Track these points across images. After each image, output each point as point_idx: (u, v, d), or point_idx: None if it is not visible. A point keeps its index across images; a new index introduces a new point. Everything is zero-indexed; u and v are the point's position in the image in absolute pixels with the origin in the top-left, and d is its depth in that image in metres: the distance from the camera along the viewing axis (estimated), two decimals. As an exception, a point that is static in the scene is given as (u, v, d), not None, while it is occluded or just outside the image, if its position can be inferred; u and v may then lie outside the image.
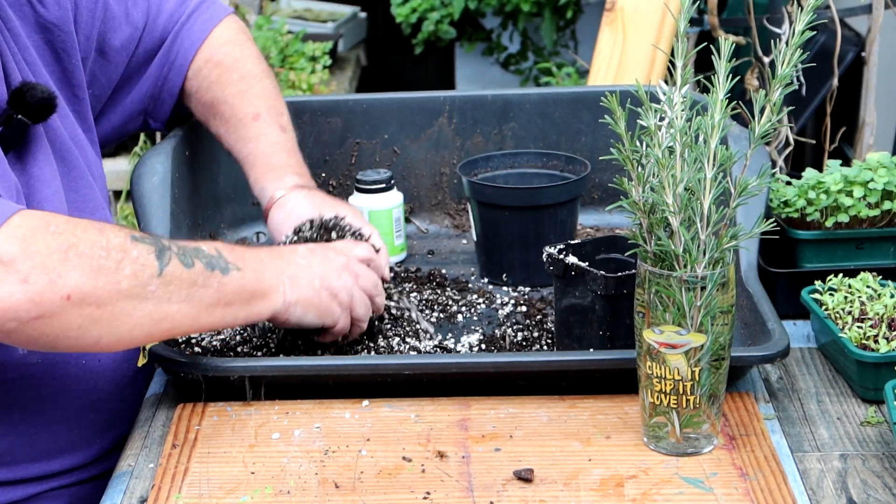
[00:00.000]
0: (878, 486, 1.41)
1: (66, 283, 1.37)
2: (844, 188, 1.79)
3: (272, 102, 1.88)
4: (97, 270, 1.39)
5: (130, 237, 1.43)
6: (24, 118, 1.57)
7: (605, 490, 1.39)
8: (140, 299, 1.42)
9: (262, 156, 1.84)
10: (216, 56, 1.87)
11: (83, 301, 1.38)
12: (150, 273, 1.42)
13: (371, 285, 1.63)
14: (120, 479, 1.46)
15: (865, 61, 2.70)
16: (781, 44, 1.41)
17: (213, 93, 1.86)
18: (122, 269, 1.40)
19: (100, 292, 1.39)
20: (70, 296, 1.37)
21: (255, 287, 1.52)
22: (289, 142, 1.87)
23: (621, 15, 2.58)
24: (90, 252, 1.39)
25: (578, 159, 1.93)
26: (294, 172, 1.83)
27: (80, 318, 1.38)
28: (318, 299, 1.57)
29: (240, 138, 1.85)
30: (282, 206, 1.79)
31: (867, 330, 1.59)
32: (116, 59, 1.80)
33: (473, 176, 1.93)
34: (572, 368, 1.55)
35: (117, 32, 1.79)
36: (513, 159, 1.97)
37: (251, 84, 1.87)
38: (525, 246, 1.85)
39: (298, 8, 4.59)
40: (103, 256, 1.40)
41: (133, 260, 1.41)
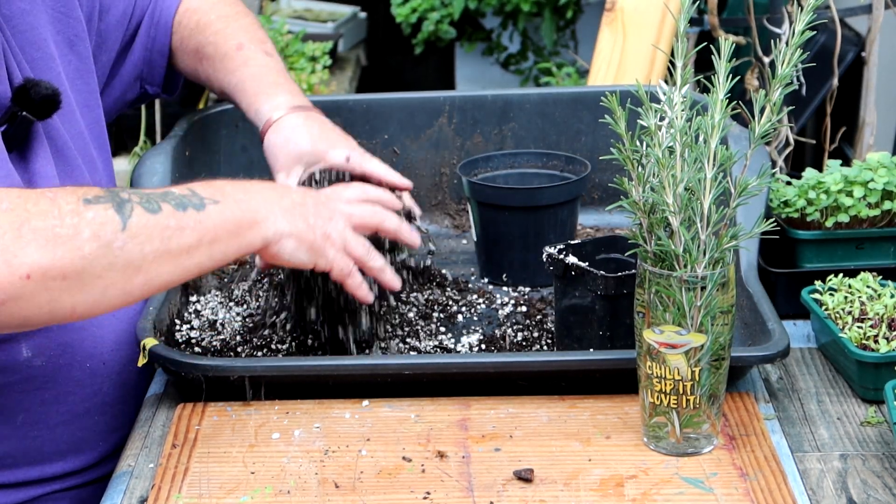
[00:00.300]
0: (878, 486, 1.41)
1: (23, 262, 1.31)
2: (844, 188, 1.79)
3: (253, 33, 1.86)
4: (53, 241, 1.33)
5: (83, 200, 1.36)
6: (29, 115, 1.57)
7: (605, 490, 1.39)
8: (107, 259, 1.35)
9: (250, 79, 1.80)
10: (192, 4, 1.88)
11: (45, 275, 1.32)
12: (113, 229, 1.35)
13: (368, 215, 1.57)
14: (120, 479, 1.46)
15: (865, 61, 2.70)
16: (781, 44, 1.41)
17: (195, 38, 1.86)
18: (81, 234, 1.34)
19: (61, 263, 1.33)
20: (30, 274, 1.32)
21: (240, 216, 1.45)
22: (276, 64, 1.83)
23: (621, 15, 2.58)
24: (43, 224, 1.33)
25: (578, 159, 1.93)
26: (287, 91, 1.79)
27: (47, 294, 1.33)
28: (311, 235, 1.50)
29: (227, 71, 1.82)
30: (279, 129, 1.74)
31: (867, 330, 1.59)
32: (113, 35, 1.81)
33: (473, 176, 1.93)
34: (572, 368, 1.55)
35: (111, 10, 1.80)
36: (513, 159, 1.97)
37: (229, 22, 1.87)
38: (525, 246, 1.85)
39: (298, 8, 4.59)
40: (57, 225, 1.33)
41: (90, 221, 1.35)
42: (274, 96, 1.77)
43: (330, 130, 1.76)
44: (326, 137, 1.73)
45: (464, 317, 1.78)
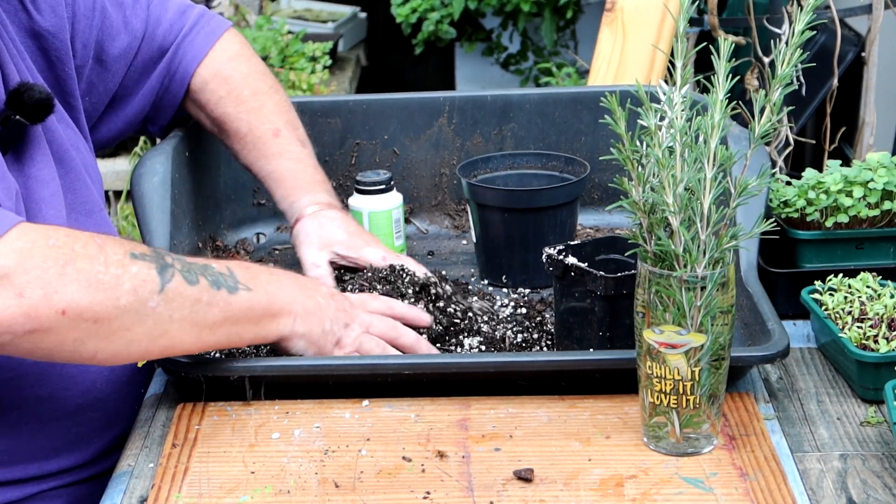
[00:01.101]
0: (878, 486, 1.41)
1: (62, 298, 1.36)
2: (844, 188, 1.79)
3: (288, 117, 1.89)
4: (95, 286, 1.38)
5: (130, 254, 1.42)
6: (23, 119, 1.57)
7: (605, 490, 1.39)
8: (139, 315, 1.40)
9: (288, 172, 1.86)
10: (223, 71, 1.87)
11: (79, 316, 1.37)
12: (151, 289, 1.41)
13: (386, 329, 1.62)
14: (120, 478, 1.46)
15: (865, 61, 2.70)
16: (781, 44, 1.41)
17: (224, 109, 1.87)
18: (122, 285, 1.39)
19: (97, 307, 1.38)
20: (66, 311, 1.36)
21: (266, 307, 1.51)
22: (310, 157, 1.89)
23: (621, 15, 2.58)
24: (88, 267, 1.38)
25: (578, 160, 1.93)
26: (324, 190, 1.87)
27: (76, 333, 1.38)
28: (323, 340, 1.57)
29: (261, 156, 1.87)
30: (316, 218, 1.82)
31: (867, 330, 1.59)
32: (114, 67, 1.80)
33: (473, 177, 1.93)
34: (572, 368, 1.55)
35: (115, 41, 1.79)
36: (512, 160, 1.97)
37: (263, 101, 1.88)
38: (525, 247, 1.85)
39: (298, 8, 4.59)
40: (101, 272, 1.38)
41: (132, 276, 1.40)
42: (313, 193, 1.85)
43: (366, 232, 1.84)
44: (362, 235, 1.82)
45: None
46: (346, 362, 1.57)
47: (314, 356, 1.57)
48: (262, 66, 1.93)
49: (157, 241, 1.76)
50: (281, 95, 1.91)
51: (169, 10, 1.86)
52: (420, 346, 1.64)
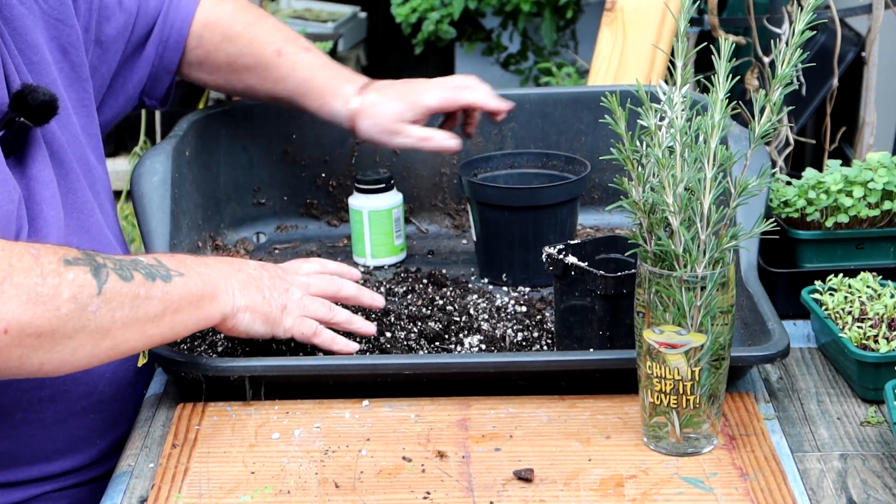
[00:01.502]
0: (878, 486, 1.41)
1: (3, 317, 1.33)
2: (844, 188, 1.79)
3: (285, 33, 1.91)
4: (34, 300, 1.35)
5: (63, 260, 1.39)
6: (27, 121, 1.57)
7: (605, 490, 1.39)
8: (81, 321, 1.38)
9: (305, 84, 1.88)
10: (211, 18, 1.89)
11: (22, 332, 1.34)
12: (90, 293, 1.38)
13: (325, 286, 1.62)
14: (120, 479, 1.46)
15: (865, 61, 2.70)
16: (781, 44, 1.41)
17: (225, 50, 1.88)
18: (61, 294, 1.36)
19: (39, 321, 1.35)
20: (8, 329, 1.33)
21: (201, 289, 1.49)
22: (320, 57, 1.90)
23: (621, 15, 2.58)
24: (26, 281, 1.35)
25: (578, 159, 1.93)
26: (345, 80, 1.88)
27: (20, 349, 1.35)
28: (266, 307, 1.55)
29: (274, 80, 1.89)
30: (364, 115, 1.86)
31: (867, 330, 1.59)
32: (113, 47, 1.80)
33: (473, 176, 1.93)
34: (572, 368, 1.55)
35: (112, 21, 1.79)
36: (512, 159, 1.97)
37: (258, 29, 1.90)
38: (525, 246, 1.85)
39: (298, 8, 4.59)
40: (39, 283, 1.35)
41: (70, 283, 1.37)
42: (339, 91, 1.87)
43: (404, 84, 1.88)
44: (407, 91, 1.86)
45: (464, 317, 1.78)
46: (346, 362, 1.57)
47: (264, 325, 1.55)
48: (244, 2, 1.94)
49: (157, 241, 1.76)
50: (272, 20, 1.93)
51: None
52: (361, 294, 1.65)
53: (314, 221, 2.09)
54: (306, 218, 2.09)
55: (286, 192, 2.09)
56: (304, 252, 2.01)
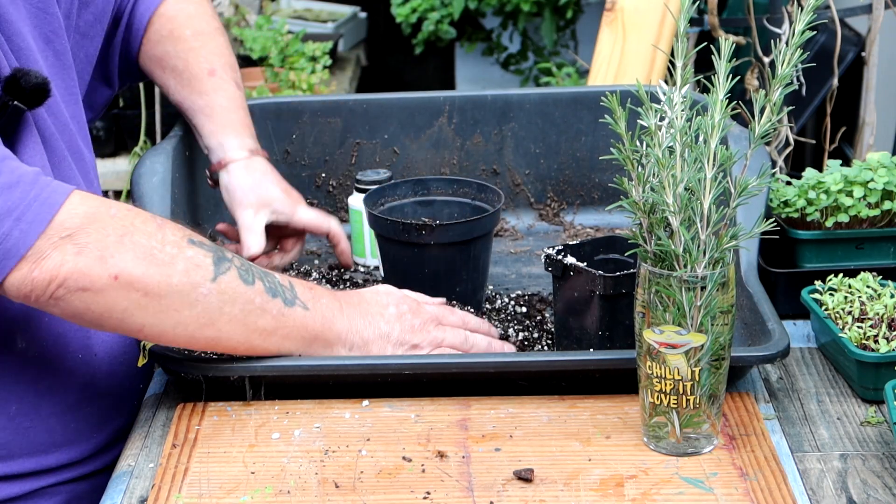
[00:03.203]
0: (878, 486, 1.41)
1: (116, 264, 1.40)
2: (844, 188, 1.79)
3: (226, 59, 1.90)
4: (149, 259, 1.42)
5: (188, 239, 1.46)
6: (21, 104, 1.57)
7: (605, 490, 1.39)
8: (189, 298, 1.44)
9: (220, 109, 1.86)
10: (169, 12, 1.89)
11: (130, 285, 1.41)
12: (204, 275, 1.44)
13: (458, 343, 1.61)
14: (120, 478, 1.46)
15: (865, 61, 2.70)
16: (781, 44, 1.41)
17: (164, 47, 1.88)
18: (175, 265, 1.43)
19: (148, 280, 1.41)
20: (118, 276, 1.40)
21: (319, 331, 1.52)
22: (242, 99, 1.89)
23: (621, 15, 2.58)
24: (145, 241, 1.42)
25: (490, 187, 1.80)
26: (251, 135, 1.87)
27: (125, 301, 1.41)
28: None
29: (194, 91, 1.87)
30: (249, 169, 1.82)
31: (867, 330, 1.59)
32: (91, 31, 1.80)
33: (380, 206, 1.80)
34: (572, 368, 1.55)
35: (90, 6, 1.80)
36: (421, 187, 1.84)
37: (205, 41, 1.89)
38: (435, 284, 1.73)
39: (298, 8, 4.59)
40: (157, 248, 1.43)
41: (187, 259, 1.44)
42: (242, 137, 1.85)
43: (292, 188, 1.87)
44: (291, 192, 1.85)
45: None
46: (347, 362, 1.56)
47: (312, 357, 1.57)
48: (210, 10, 1.94)
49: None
50: (223, 38, 1.92)
51: None
52: (493, 347, 1.64)
53: (314, 221, 2.09)
54: (306, 218, 2.09)
55: (286, 192, 2.08)
56: (304, 252, 2.01)
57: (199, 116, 1.86)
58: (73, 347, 1.62)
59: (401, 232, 1.72)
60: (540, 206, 2.09)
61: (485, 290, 1.80)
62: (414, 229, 1.71)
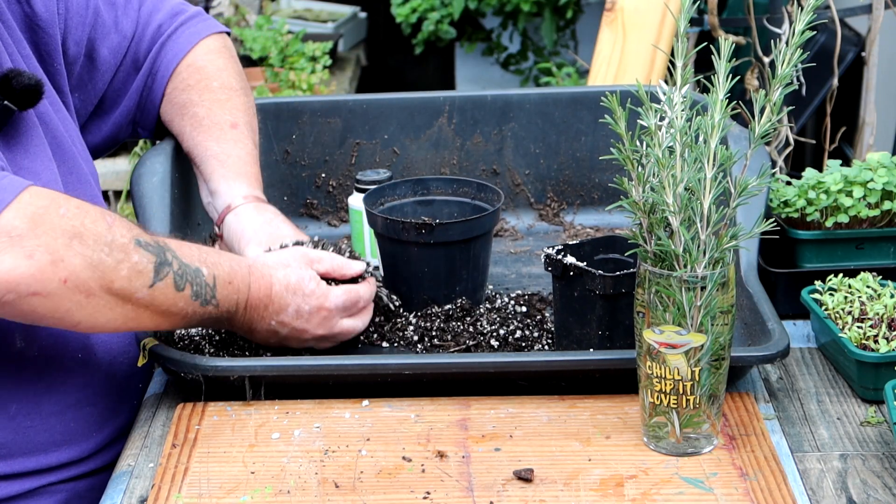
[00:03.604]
0: (878, 486, 1.41)
1: (66, 267, 1.42)
2: (844, 188, 1.79)
3: (250, 118, 1.87)
4: (96, 264, 1.44)
5: (135, 240, 1.47)
6: (11, 104, 1.57)
7: (605, 490, 1.39)
8: (125, 301, 1.47)
9: (236, 159, 1.82)
10: (198, 62, 1.86)
11: (77, 288, 1.43)
12: (143, 283, 1.48)
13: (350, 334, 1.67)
14: (120, 478, 1.46)
15: (865, 61, 2.70)
16: (781, 44, 1.41)
17: (189, 95, 1.85)
18: (120, 270, 1.46)
19: (92, 284, 1.44)
20: (67, 280, 1.42)
21: (218, 318, 1.58)
22: (258, 159, 1.86)
23: (621, 15, 2.58)
24: (93, 244, 1.44)
25: (490, 187, 1.80)
26: (261, 190, 1.83)
27: (69, 303, 1.44)
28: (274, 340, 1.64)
29: (211, 137, 1.83)
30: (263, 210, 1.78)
31: (867, 330, 1.59)
32: (104, 67, 1.80)
33: (379, 206, 1.80)
34: (572, 368, 1.55)
35: (106, 40, 1.79)
36: (421, 186, 1.84)
37: (231, 95, 1.86)
38: (435, 284, 1.73)
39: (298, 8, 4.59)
40: (105, 252, 1.45)
41: (132, 265, 1.47)
42: (253, 186, 1.81)
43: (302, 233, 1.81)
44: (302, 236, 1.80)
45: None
46: (346, 362, 1.57)
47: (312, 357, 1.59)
48: (239, 69, 1.91)
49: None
50: (249, 99, 1.89)
51: (161, 10, 1.86)
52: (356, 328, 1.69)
53: (314, 221, 2.09)
54: (306, 218, 2.09)
55: (286, 192, 2.09)
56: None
57: (212, 161, 1.82)
58: (72, 347, 1.62)
59: (401, 231, 1.72)
60: (540, 206, 2.09)
61: (485, 289, 1.80)
62: (414, 228, 1.71)
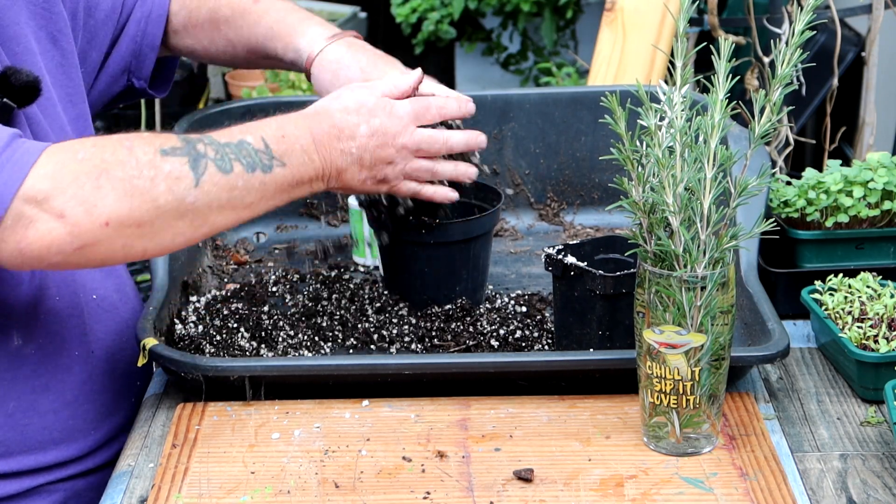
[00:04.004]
0: (878, 486, 1.41)
1: (102, 211, 1.38)
2: (844, 188, 1.79)
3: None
4: (131, 192, 1.39)
5: (160, 151, 1.42)
6: (10, 102, 1.57)
7: (605, 490, 1.39)
8: (179, 212, 1.42)
9: (277, 24, 1.80)
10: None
11: (122, 224, 1.39)
12: (187, 185, 1.42)
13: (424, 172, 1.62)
14: (120, 478, 1.46)
15: (865, 61, 2.70)
16: (781, 44, 1.41)
17: (206, 6, 1.84)
18: (157, 187, 1.40)
19: (137, 213, 1.39)
20: (109, 222, 1.38)
21: (300, 178, 1.51)
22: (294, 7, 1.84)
23: (621, 15, 2.58)
24: (121, 174, 1.39)
25: (489, 186, 1.82)
26: (317, 23, 1.80)
27: (122, 240, 1.40)
28: (362, 187, 1.59)
29: (249, 25, 1.82)
30: (324, 64, 1.76)
31: (867, 330, 1.59)
32: (102, 31, 1.79)
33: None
34: (572, 368, 1.55)
35: (101, 5, 1.78)
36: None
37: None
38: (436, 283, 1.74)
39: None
40: (135, 176, 1.40)
41: (166, 175, 1.41)
42: (306, 32, 1.79)
43: (378, 57, 1.78)
44: (376, 65, 1.77)
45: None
46: (347, 362, 1.57)
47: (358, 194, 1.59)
48: None
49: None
50: None
51: None
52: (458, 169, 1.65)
53: (314, 221, 2.09)
54: (306, 218, 2.09)
55: (286, 192, 2.08)
56: (304, 252, 2.01)
57: (268, 44, 1.81)
58: (70, 345, 1.62)
59: (401, 231, 1.72)
60: (540, 206, 2.09)
61: (485, 289, 1.80)
62: (414, 228, 1.71)
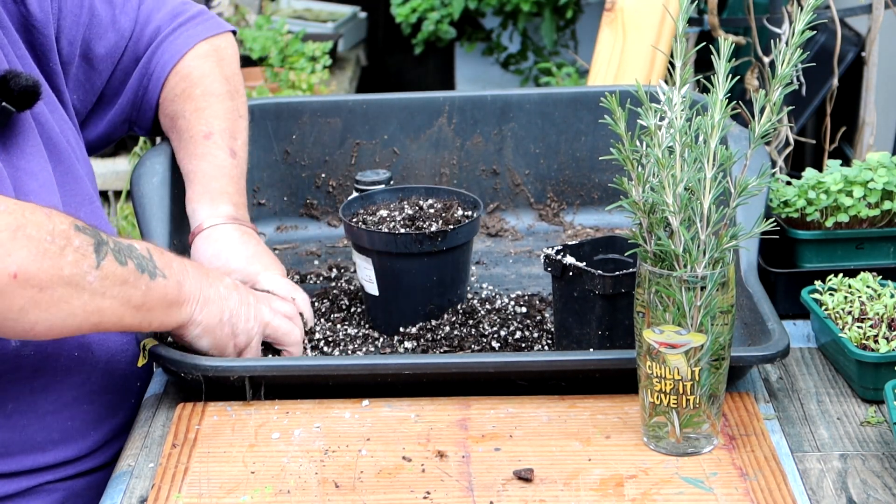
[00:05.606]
0: (878, 486, 1.41)
1: (14, 261, 1.38)
2: (844, 188, 1.79)
3: (228, 124, 1.83)
4: (43, 253, 1.40)
5: (74, 226, 1.44)
6: (9, 106, 1.57)
7: (605, 490, 1.39)
8: (78, 288, 1.43)
9: (202, 176, 1.80)
10: (185, 69, 1.84)
11: (27, 282, 1.39)
12: (89, 264, 1.44)
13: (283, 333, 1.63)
14: (120, 478, 1.46)
15: (865, 61, 2.71)
16: (781, 44, 1.41)
17: (176, 106, 1.83)
18: (65, 256, 1.42)
19: (43, 275, 1.40)
20: (17, 274, 1.39)
21: (175, 297, 1.52)
22: (234, 168, 1.82)
23: (621, 15, 2.58)
24: (37, 234, 1.41)
25: (469, 196, 1.80)
26: (231, 202, 1.79)
27: (21, 300, 1.40)
28: (218, 331, 1.57)
29: (187, 154, 1.82)
30: (211, 240, 1.75)
31: (867, 330, 1.59)
32: (101, 66, 1.79)
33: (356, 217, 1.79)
34: (572, 368, 1.55)
35: (102, 39, 1.78)
36: (399, 195, 1.82)
37: (211, 102, 1.83)
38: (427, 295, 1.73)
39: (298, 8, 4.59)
40: (48, 240, 1.41)
41: (75, 248, 1.43)
42: (216, 205, 1.78)
43: (263, 253, 1.77)
44: (259, 259, 1.75)
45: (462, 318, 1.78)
46: (346, 362, 1.57)
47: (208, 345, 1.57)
48: (229, 71, 1.88)
49: (157, 241, 1.76)
50: (233, 103, 1.85)
51: (162, 10, 1.85)
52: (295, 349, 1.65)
53: (314, 222, 2.09)
54: (306, 218, 2.09)
55: (286, 193, 2.09)
56: (304, 252, 2.01)
57: (186, 182, 1.81)
58: (69, 345, 1.62)
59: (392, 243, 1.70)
60: (540, 206, 2.09)
61: (464, 300, 1.77)
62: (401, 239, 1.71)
